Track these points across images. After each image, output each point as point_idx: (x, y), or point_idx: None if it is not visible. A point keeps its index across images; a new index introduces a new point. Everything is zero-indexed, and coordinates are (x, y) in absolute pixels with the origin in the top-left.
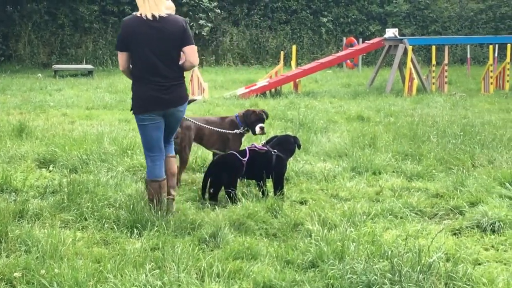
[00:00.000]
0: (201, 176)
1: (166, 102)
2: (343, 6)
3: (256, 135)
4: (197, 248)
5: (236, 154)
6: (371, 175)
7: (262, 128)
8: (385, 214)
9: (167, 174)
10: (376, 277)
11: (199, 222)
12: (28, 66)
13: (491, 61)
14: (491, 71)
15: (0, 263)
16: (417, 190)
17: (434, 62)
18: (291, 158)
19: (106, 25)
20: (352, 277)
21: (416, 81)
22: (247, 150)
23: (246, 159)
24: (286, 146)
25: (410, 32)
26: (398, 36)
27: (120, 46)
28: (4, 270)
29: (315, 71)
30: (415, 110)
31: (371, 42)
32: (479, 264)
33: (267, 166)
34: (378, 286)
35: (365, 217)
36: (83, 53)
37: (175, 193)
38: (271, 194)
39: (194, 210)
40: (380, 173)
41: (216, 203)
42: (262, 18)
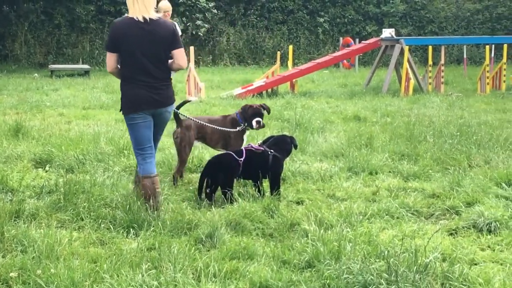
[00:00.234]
0: (197, 176)
1: (156, 102)
2: (340, 6)
3: (254, 129)
4: (193, 248)
5: (233, 154)
6: (367, 175)
7: (259, 122)
8: (381, 214)
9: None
10: (373, 277)
11: (196, 222)
12: (24, 66)
13: (487, 61)
14: (488, 72)
15: None
16: (413, 190)
17: (431, 62)
18: (288, 158)
19: (102, 25)
20: (348, 277)
21: (412, 81)
22: (244, 150)
23: (242, 159)
24: (283, 146)
25: (407, 32)
26: (395, 36)
27: (111, 47)
28: (0, 270)
29: (311, 71)
30: (411, 110)
31: (367, 42)
32: (475, 264)
33: (264, 166)
34: (374, 286)
35: (361, 217)
36: (79, 53)
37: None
38: (268, 194)
39: (191, 210)
40: (376, 173)
41: (213, 203)
42: (258, 18)
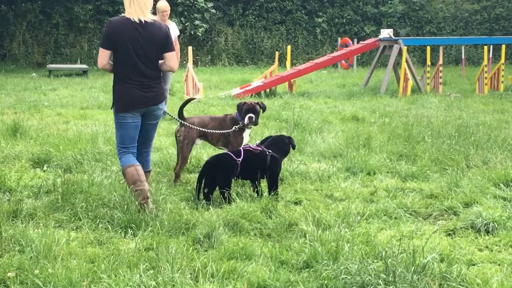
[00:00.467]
0: (195, 176)
1: (149, 100)
2: (338, 6)
3: (246, 126)
4: (191, 248)
5: (231, 154)
6: (365, 176)
7: (251, 118)
8: (379, 215)
9: None
10: (370, 277)
11: (194, 222)
12: (22, 65)
13: (485, 62)
14: (486, 72)
15: None
16: (411, 190)
17: (429, 62)
18: (286, 158)
19: (101, 25)
20: (346, 277)
21: (410, 81)
22: (242, 150)
23: (240, 159)
24: (281, 146)
25: (405, 32)
26: (393, 37)
27: (106, 45)
28: None
29: (310, 72)
30: (409, 110)
31: (366, 42)
32: (473, 264)
33: (262, 166)
34: (372, 287)
35: (359, 217)
36: (77, 52)
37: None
38: (266, 194)
39: (189, 210)
40: (374, 173)
41: (211, 203)
42: (257, 18)
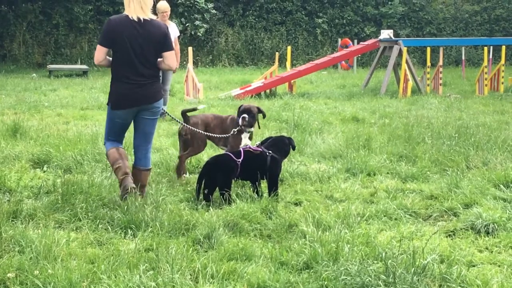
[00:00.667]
0: (195, 177)
1: (141, 98)
2: (338, 7)
3: (241, 126)
4: (191, 249)
5: (231, 154)
6: (365, 177)
7: (244, 118)
8: (379, 216)
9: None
10: (370, 278)
11: (193, 223)
12: (22, 66)
13: (485, 63)
14: (486, 73)
15: None
16: (411, 191)
17: (429, 63)
18: (286, 159)
19: (101, 25)
20: (346, 278)
21: (411, 82)
22: (242, 151)
23: (240, 160)
24: (281, 147)
25: (405, 33)
26: (393, 38)
27: (103, 42)
28: None
29: (310, 72)
30: (409, 111)
31: (366, 43)
32: (473, 266)
33: (262, 167)
34: None
35: (359, 218)
36: (78, 53)
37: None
38: (266, 195)
39: (189, 211)
40: (374, 174)
41: (211, 204)
42: (257, 19)
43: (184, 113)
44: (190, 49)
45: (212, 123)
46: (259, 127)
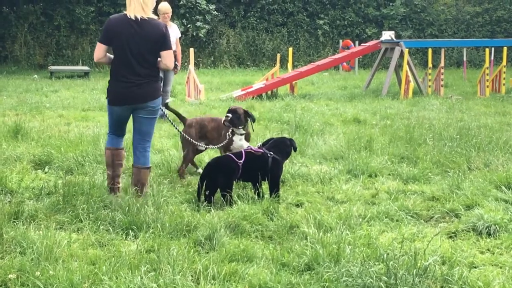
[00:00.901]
0: (196, 178)
1: (137, 97)
2: (340, 8)
3: (224, 123)
4: (192, 250)
5: (232, 156)
6: (367, 178)
7: (227, 117)
8: (381, 217)
9: (135, 184)
10: (372, 280)
11: (195, 224)
12: (24, 67)
13: (487, 64)
14: (487, 74)
15: None
16: (413, 193)
17: (431, 65)
18: (287, 161)
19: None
20: (347, 280)
21: (412, 84)
22: (243, 152)
23: (242, 161)
24: (282, 148)
25: (407, 35)
26: (395, 39)
27: (103, 40)
28: None
29: (311, 74)
30: (411, 113)
31: (367, 44)
32: (475, 267)
33: (263, 168)
34: None
35: (361, 220)
36: (79, 54)
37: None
38: (267, 196)
39: (190, 212)
40: (376, 175)
41: (212, 205)
42: (258, 20)
43: (178, 114)
44: (192, 50)
45: (209, 126)
46: (253, 130)
